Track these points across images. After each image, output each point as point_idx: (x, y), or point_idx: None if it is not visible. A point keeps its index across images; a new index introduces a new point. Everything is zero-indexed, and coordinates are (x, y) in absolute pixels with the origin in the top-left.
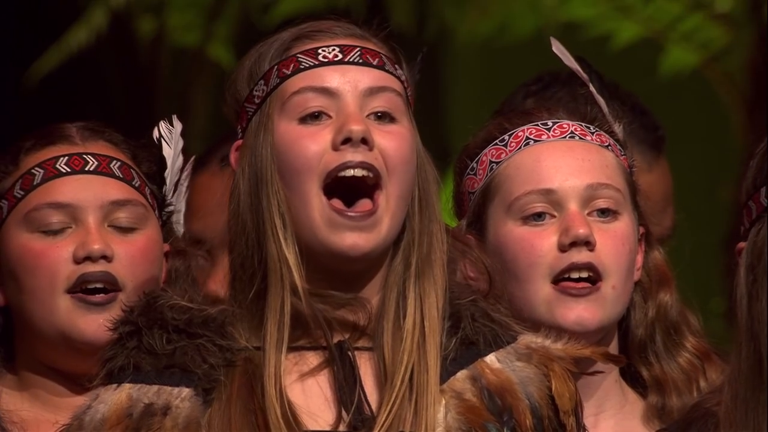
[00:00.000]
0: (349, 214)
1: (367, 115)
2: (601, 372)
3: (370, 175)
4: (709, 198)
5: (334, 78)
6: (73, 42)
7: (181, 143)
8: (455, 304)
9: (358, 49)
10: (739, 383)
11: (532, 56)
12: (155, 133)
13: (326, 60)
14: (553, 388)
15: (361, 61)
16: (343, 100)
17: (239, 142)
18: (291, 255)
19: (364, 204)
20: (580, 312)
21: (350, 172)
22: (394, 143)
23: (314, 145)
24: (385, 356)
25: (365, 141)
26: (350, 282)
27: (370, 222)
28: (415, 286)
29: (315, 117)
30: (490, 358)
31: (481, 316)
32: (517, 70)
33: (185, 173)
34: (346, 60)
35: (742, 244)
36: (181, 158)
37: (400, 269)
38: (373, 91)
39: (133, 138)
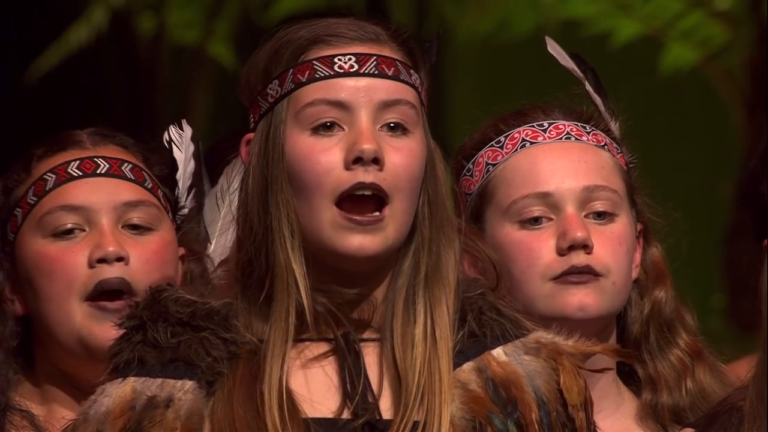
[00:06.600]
0: (357, 218)
1: (380, 127)
2: (610, 369)
3: (380, 195)
4: (708, 195)
5: (349, 91)
6: (74, 40)
7: (192, 147)
8: (463, 297)
9: (374, 58)
10: (763, 382)
11: (532, 54)
12: (165, 137)
13: (342, 71)
14: (562, 382)
15: (376, 72)
16: (357, 115)
17: (250, 135)
18: (297, 266)
19: (372, 212)
20: (582, 298)
21: (361, 192)
22: (404, 160)
23: (326, 162)
24: (397, 358)
25: (376, 161)
26: (356, 281)
27: (377, 227)
28: (425, 293)
29: (328, 127)
30: (497, 351)
31: (489, 310)
32: (517, 68)
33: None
34: (361, 71)
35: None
36: (192, 162)
37: (409, 272)
38: (387, 105)
39: (138, 138)
